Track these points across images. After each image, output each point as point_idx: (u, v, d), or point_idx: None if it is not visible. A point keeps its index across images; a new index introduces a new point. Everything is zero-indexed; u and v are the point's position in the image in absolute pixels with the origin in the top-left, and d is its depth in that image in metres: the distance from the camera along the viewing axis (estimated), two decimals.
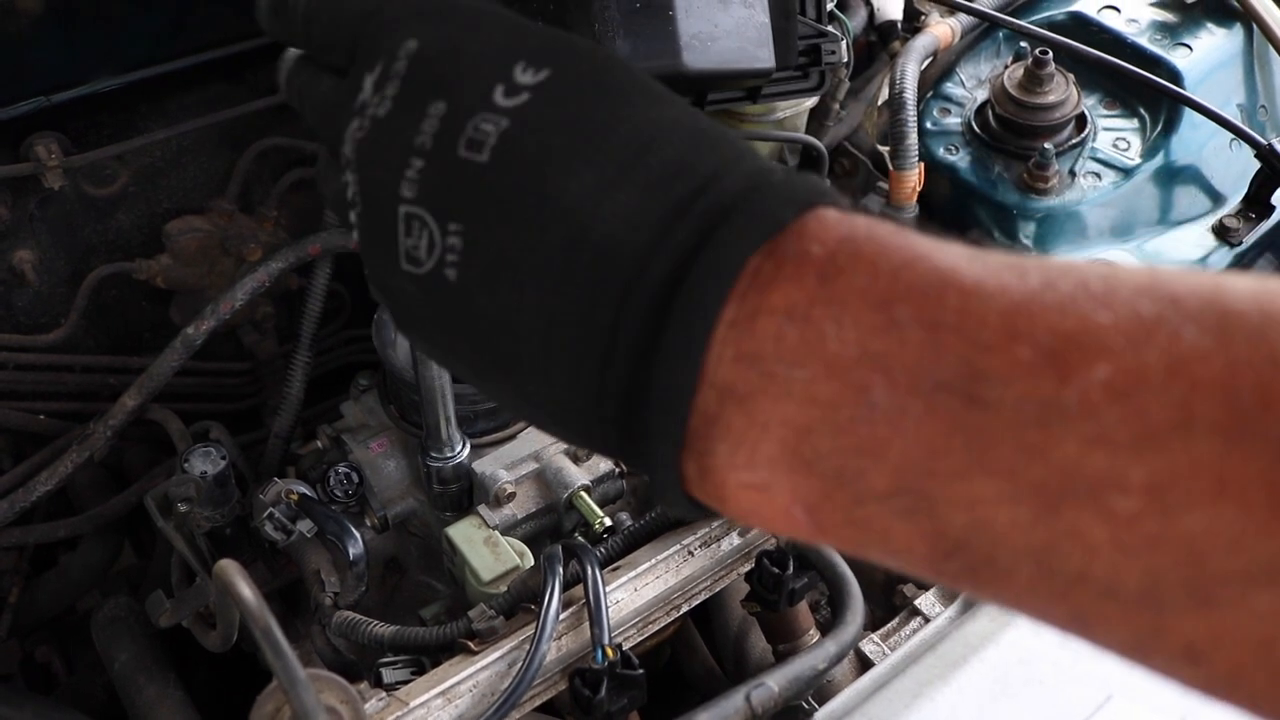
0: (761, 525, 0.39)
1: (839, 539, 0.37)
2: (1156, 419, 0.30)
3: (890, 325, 0.33)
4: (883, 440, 0.33)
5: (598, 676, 0.92)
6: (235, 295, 1.20)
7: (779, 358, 0.35)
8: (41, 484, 1.21)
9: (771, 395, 0.35)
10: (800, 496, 0.36)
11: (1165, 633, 0.31)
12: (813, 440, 0.34)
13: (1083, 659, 0.84)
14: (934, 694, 0.80)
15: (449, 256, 0.42)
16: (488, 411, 1.14)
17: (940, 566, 0.35)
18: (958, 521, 0.33)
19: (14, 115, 1.12)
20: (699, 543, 1.03)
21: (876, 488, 0.34)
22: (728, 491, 0.37)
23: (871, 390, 0.33)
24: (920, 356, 0.33)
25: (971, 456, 0.32)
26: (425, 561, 1.23)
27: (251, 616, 0.75)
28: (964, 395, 0.32)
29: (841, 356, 0.34)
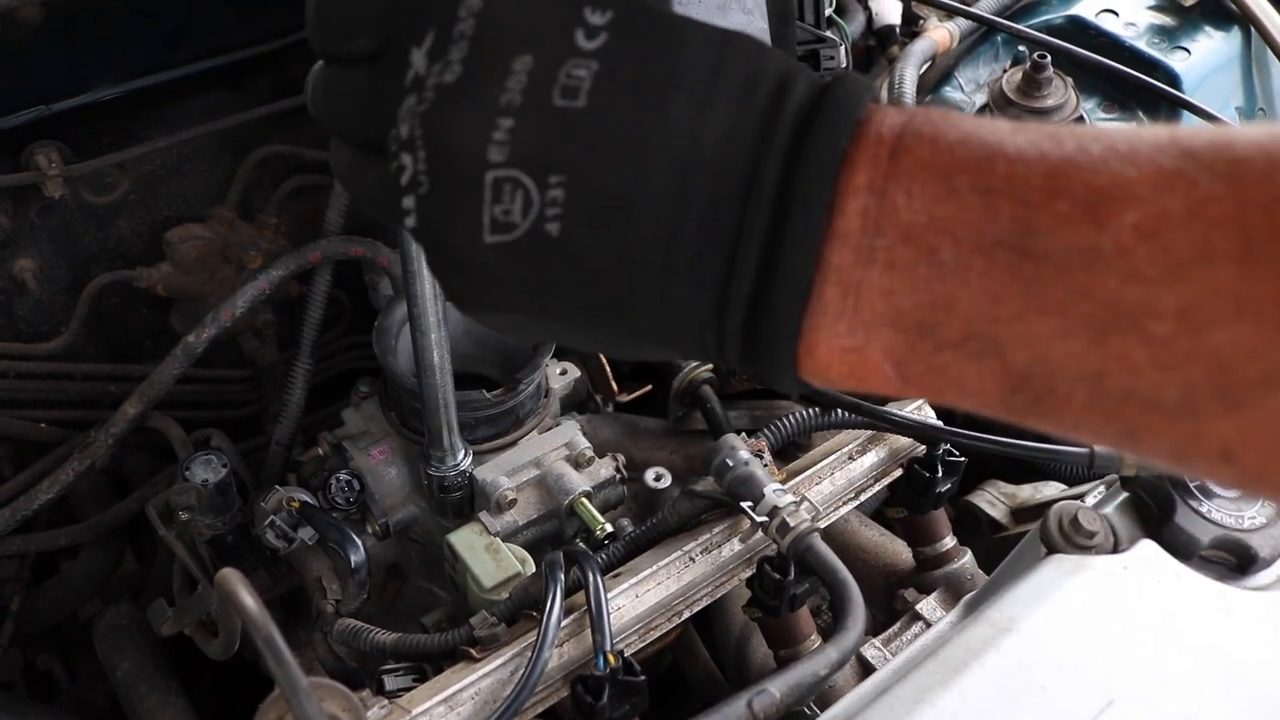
0: (857, 386, 0.43)
1: (922, 387, 0.41)
2: (1181, 253, 0.35)
3: (951, 193, 0.38)
4: (952, 294, 0.38)
5: (599, 683, 0.92)
6: (236, 303, 1.21)
7: (864, 230, 0.39)
8: (43, 492, 1.21)
9: (860, 265, 0.39)
10: (889, 352, 0.40)
11: (1202, 438, 0.36)
12: (895, 300, 0.39)
13: (1084, 664, 0.84)
14: (935, 700, 0.80)
15: (550, 211, 0.41)
16: (489, 419, 1.14)
17: (1009, 401, 0.39)
18: (1021, 358, 0.38)
19: (14, 124, 1.12)
20: (700, 549, 1.03)
21: (951, 336, 0.39)
22: (831, 359, 0.41)
23: (940, 251, 0.38)
24: (978, 218, 0.38)
25: (1028, 301, 0.37)
26: (426, 568, 1.22)
27: (253, 625, 0.75)
28: (1017, 248, 0.37)
29: (913, 224, 0.38)
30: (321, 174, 1.38)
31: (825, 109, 0.40)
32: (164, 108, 1.25)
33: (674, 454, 1.32)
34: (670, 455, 1.32)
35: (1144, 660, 0.83)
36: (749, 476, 1.00)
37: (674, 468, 1.22)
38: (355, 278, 1.47)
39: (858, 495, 1.13)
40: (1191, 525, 0.94)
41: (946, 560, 1.17)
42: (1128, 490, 0.99)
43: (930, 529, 1.17)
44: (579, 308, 0.44)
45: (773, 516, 0.98)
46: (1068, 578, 0.89)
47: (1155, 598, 0.88)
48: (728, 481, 1.01)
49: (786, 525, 0.96)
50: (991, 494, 1.36)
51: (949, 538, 1.18)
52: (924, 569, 1.18)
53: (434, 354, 0.97)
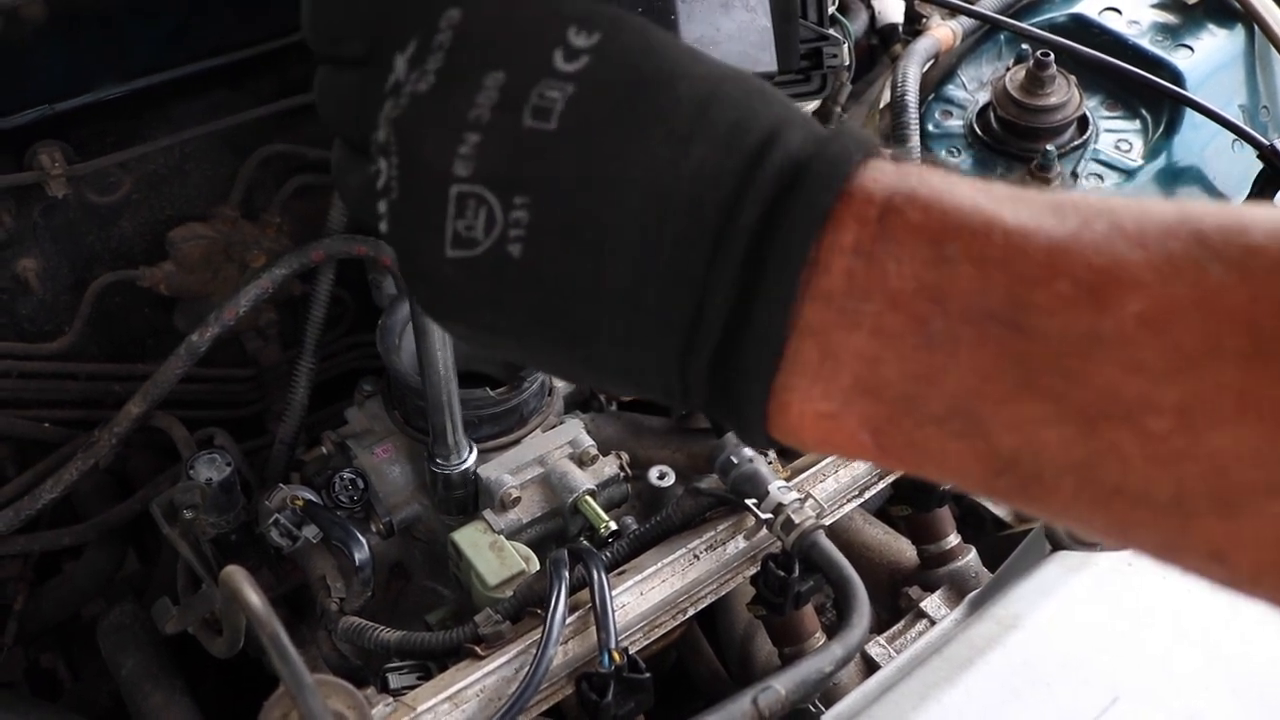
0: (832, 451, 0.42)
1: (900, 460, 0.40)
2: (1186, 347, 0.33)
3: (942, 260, 0.36)
4: (940, 367, 0.36)
5: (604, 681, 0.92)
6: (239, 302, 1.21)
7: (848, 293, 0.37)
8: (47, 491, 1.21)
9: (843, 329, 0.38)
10: (867, 422, 0.39)
11: (1192, 536, 0.35)
12: (879, 369, 0.37)
13: (1089, 661, 0.84)
14: (940, 696, 0.80)
15: (513, 232, 0.40)
16: (493, 416, 1.14)
17: (992, 484, 0.38)
18: (1007, 441, 0.36)
19: (18, 124, 1.12)
20: (704, 546, 1.03)
21: (935, 411, 0.37)
22: (804, 422, 0.40)
23: (929, 321, 0.36)
24: (971, 288, 0.36)
25: (1019, 381, 0.35)
26: (430, 567, 1.22)
27: (259, 622, 0.75)
28: (1010, 324, 0.35)
29: (902, 290, 0.37)
30: (324, 174, 1.38)
31: (815, 163, 0.38)
32: (166, 107, 1.25)
33: (677, 452, 1.32)
34: (674, 453, 1.32)
35: (1149, 657, 0.83)
36: (753, 474, 1.00)
37: (677, 466, 1.22)
38: (358, 277, 1.47)
39: (862, 493, 1.13)
40: None
41: (951, 558, 1.17)
42: None
43: (934, 526, 1.17)
44: (536, 334, 0.43)
45: (777, 514, 0.98)
46: (1073, 575, 0.89)
47: (1160, 595, 0.88)
48: (732, 479, 1.01)
49: (791, 522, 0.96)
50: None
51: (953, 535, 1.18)
52: (928, 566, 1.18)
53: (437, 352, 0.97)
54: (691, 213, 0.39)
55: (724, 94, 0.40)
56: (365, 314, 1.54)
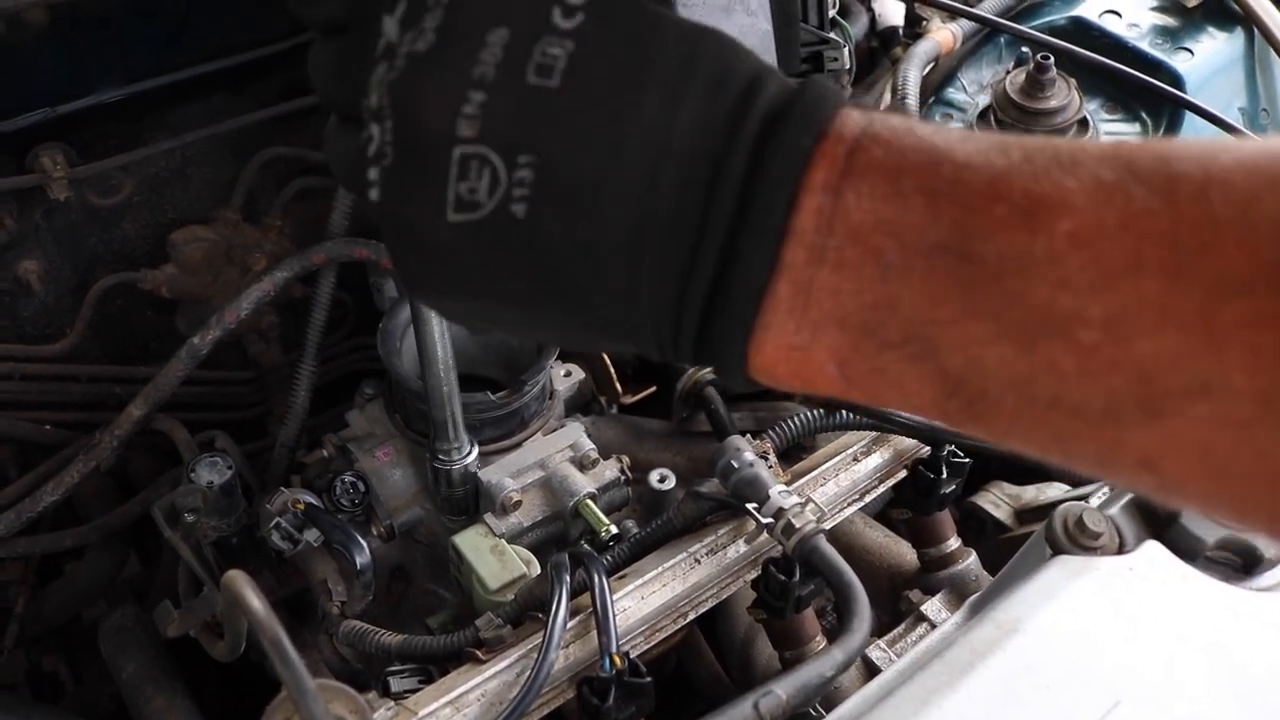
0: (801, 385, 0.43)
1: (863, 388, 0.42)
2: (1111, 263, 0.36)
3: (897, 195, 0.39)
4: (895, 295, 0.39)
5: (605, 685, 0.92)
6: (241, 305, 1.21)
7: (817, 229, 0.39)
8: (48, 494, 1.21)
9: (812, 264, 0.40)
10: (833, 352, 0.41)
11: (1123, 446, 0.37)
12: (842, 300, 0.40)
13: (1090, 666, 0.84)
14: (941, 701, 0.79)
15: (516, 192, 0.41)
16: (494, 420, 1.14)
17: (945, 406, 0.40)
18: (956, 362, 0.38)
19: (19, 127, 1.12)
20: (705, 550, 1.03)
21: (892, 337, 0.39)
22: (778, 357, 0.42)
23: (885, 252, 0.39)
24: (921, 220, 0.38)
25: (965, 304, 0.38)
26: (432, 570, 1.22)
27: (260, 626, 0.75)
28: (957, 252, 0.38)
29: (861, 224, 0.39)
30: (325, 177, 1.38)
31: (793, 109, 0.40)
32: (168, 111, 1.25)
33: (678, 455, 1.32)
34: (674, 457, 1.32)
35: (1151, 662, 0.83)
36: (754, 478, 1.00)
37: (678, 469, 1.22)
38: (359, 280, 1.46)
39: (862, 496, 1.13)
40: (1197, 526, 0.94)
41: (951, 561, 1.17)
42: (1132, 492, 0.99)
43: (935, 530, 1.17)
44: (540, 295, 0.43)
45: (778, 518, 0.98)
46: (1073, 579, 0.89)
47: (1161, 599, 0.88)
48: (733, 483, 1.01)
49: (792, 527, 0.96)
50: (995, 495, 1.36)
51: (953, 539, 1.18)
52: (929, 570, 1.18)
53: (436, 344, 0.96)
54: (687, 165, 0.40)
55: (705, 48, 0.42)
56: (366, 317, 1.54)
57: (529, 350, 1.22)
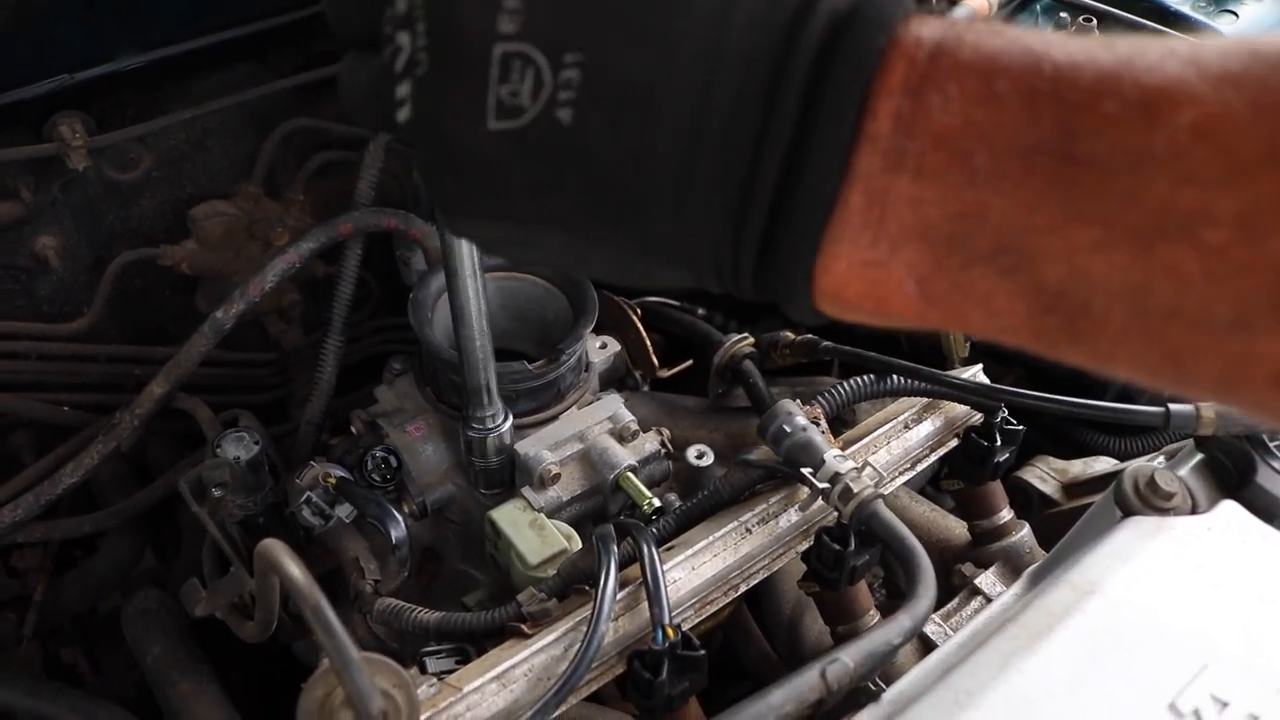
0: (875, 307, 0.39)
1: (945, 308, 0.38)
2: (1244, 154, 0.32)
3: (990, 96, 0.35)
4: (985, 203, 0.35)
5: (658, 658, 0.88)
6: (265, 277, 1.17)
7: (895, 134, 0.36)
8: (67, 476, 1.17)
9: (889, 172, 0.36)
10: (913, 268, 0.37)
11: (1255, 358, 0.33)
12: (924, 210, 0.36)
13: (1172, 628, 0.80)
14: (1021, 665, 0.75)
15: (562, 94, 0.38)
16: (530, 391, 1.11)
17: (1039, 323, 0.36)
18: (1055, 273, 0.35)
19: (36, 94, 1.08)
20: (757, 519, 0.99)
21: (981, 249, 0.36)
22: (850, 275, 0.38)
23: (974, 156, 0.35)
24: (1018, 121, 0.35)
25: (1067, 210, 0.34)
26: (464, 550, 1.18)
27: (301, 595, 0.71)
28: (1058, 153, 0.34)
29: (947, 127, 0.36)
30: (348, 150, 1.34)
31: (863, 8, 0.37)
32: (188, 80, 1.21)
33: (714, 432, 1.28)
34: (711, 434, 1.28)
35: (1236, 624, 0.79)
36: (807, 442, 0.96)
37: (715, 446, 1.18)
38: (382, 259, 1.43)
39: (914, 466, 1.09)
40: (1274, 485, 0.90)
41: (1004, 533, 1.13)
42: (1202, 452, 0.95)
43: (987, 501, 1.13)
44: (586, 213, 0.41)
45: (834, 483, 0.93)
46: (1148, 539, 0.85)
47: (1242, 559, 0.84)
48: (785, 448, 0.96)
49: (850, 491, 0.92)
50: (1042, 469, 1.32)
51: (1006, 510, 1.14)
52: (980, 543, 1.14)
53: (471, 305, 0.92)
54: (745, 66, 0.37)
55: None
56: (390, 298, 1.50)
57: (563, 323, 1.18)
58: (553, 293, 1.20)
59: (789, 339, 1.28)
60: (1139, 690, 0.74)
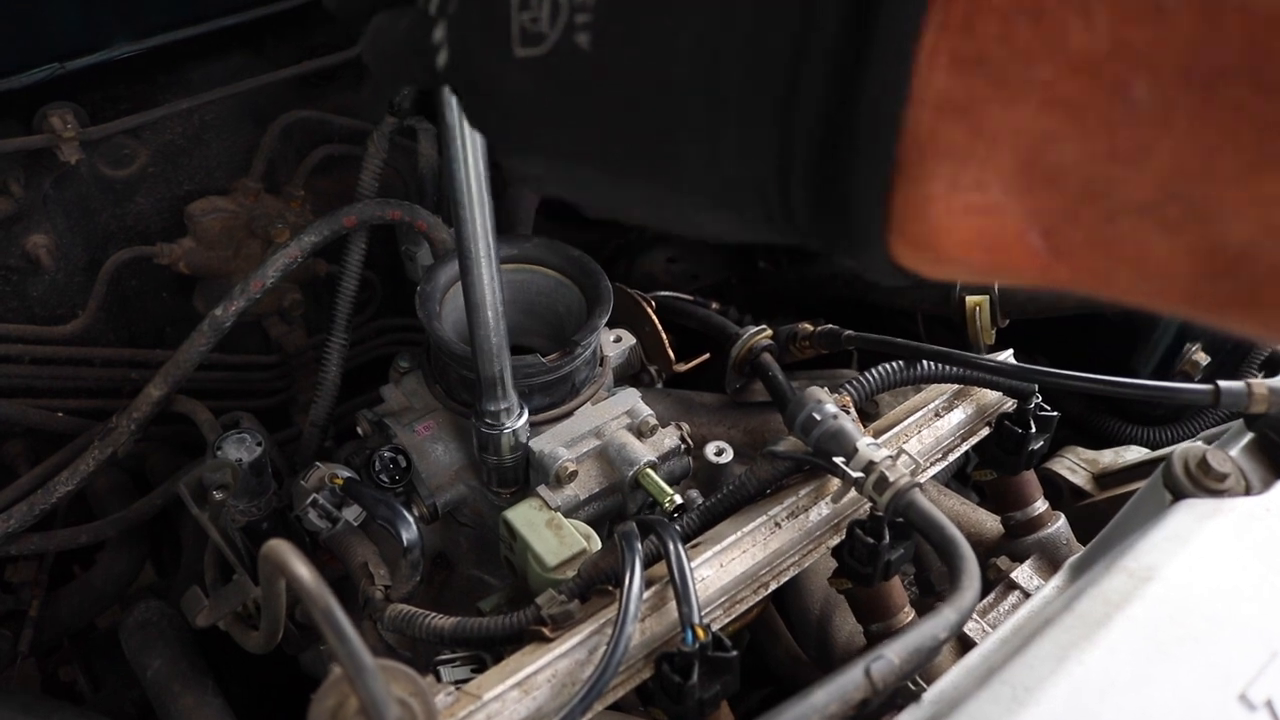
0: (983, 261, 0.33)
1: (1080, 267, 0.32)
2: None
3: (1154, 11, 0.28)
4: (1145, 143, 0.29)
5: (688, 660, 0.83)
6: (267, 272, 1.12)
7: (1009, 58, 0.29)
8: (62, 484, 1.12)
9: (1002, 101, 0.30)
10: (1039, 217, 0.31)
11: None
12: (1056, 149, 0.30)
13: (1238, 613, 0.75)
14: (1081, 656, 0.71)
15: (579, 18, 0.36)
16: (544, 386, 1.06)
17: (1204, 288, 0.30)
18: (1241, 231, 0.29)
19: (26, 84, 1.04)
20: (786, 514, 0.94)
21: (1135, 198, 0.29)
22: (950, 220, 0.32)
23: (1130, 86, 0.29)
24: (1194, 42, 0.28)
25: (1261, 152, 0.28)
26: (477, 554, 1.14)
27: (311, 598, 0.66)
28: (1252, 82, 0.27)
29: (1091, 50, 0.29)
30: (349, 144, 1.30)
31: None
32: (183, 70, 1.17)
33: (733, 429, 1.24)
34: (729, 430, 1.23)
35: None
36: (839, 431, 0.91)
37: (734, 442, 1.14)
38: (385, 258, 1.39)
39: (945, 455, 1.04)
40: None
41: (1039, 525, 1.09)
42: (1253, 431, 0.90)
43: (1022, 492, 1.08)
44: (617, 146, 0.38)
45: (868, 472, 0.89)
46: (1205, 522, 0.81)
47: None
48: (815, 437, 0.92)
49: (885, 480, 0.88)
50: (1072, 460, 1.28)
51: (1040, 501, 1.09)
52: (1015, 535, 1.10)
53: (485, 291, 0.87)
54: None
55: None
56: (392, 298, 1.46)
57: (575, 316, 1.14)
58: (565, 285, 1.15)
59: (808, 330, 1.24)
60: (1207, 681, 0.70)
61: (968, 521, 1.16)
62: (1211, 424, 1.43)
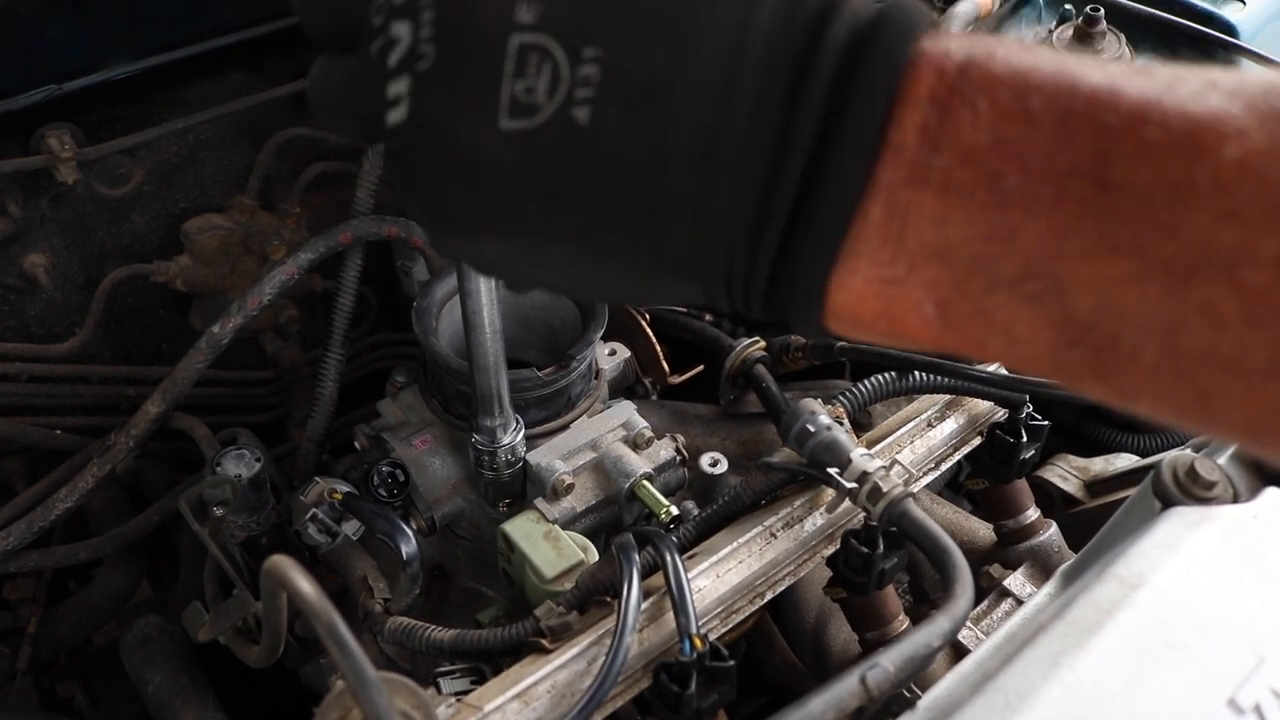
0: (888, 328, 0.38)
1: (964, 333, 0.36)
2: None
3: (1023, 114, 0.33)
4: (1014, 225, 0.34)
5: (686, 670, 0.84)
6: (263, 289, 1.13)
7: (920, 147, 0.34)
8: (61, 501, 1.13)
9: (912, 186, 0.35)
10: (932, 289, 0.36)
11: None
12: (947, 229, 0.35)
13: (1227, 620, 0.77)
14: (1073, 662, 0.72)
15: (580, 92, 0.36)
16: (540, 399, 1.07)
17: (1063, 356, 0.35)
18: (1085, 304, 0.33)
19: (24, 105, 1.05)
20: (781, 524, 0.96)
21: (1006, 273, 0.34)
22: (866, 292, 0.37)
23: (1004, 176, 0.33)
24: (1052, 142, 0.33)
25: (1101, 237, 0.32)
26: (474, 567, 1.15)
27: (314, 612, 0.67)
28: (1094, 179, 0.32)
29: (976, 144, 0.34)
30: (345, 160, 1.31)
31: (889, 14, 0.36)
32: (179, 89, 1.18)
33: (727, 440, 1.25)
34: (723, 441, 1.24)
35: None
36: (832, 442, 0.92)
37: (728, 453, 1.15)
38: (380, 274, 1.40)
39: (938, 465, 1.06)
40: None
41: (1031, 533, 1.10)
42: None
43: (1013, 500, 1.10)
44: (599, 222, 0.38)
45: (862, 483, 0.90)
46: (1194, 530, 0.82)
47: None
48: (810, 448, 0.93)
49: (879, 491, 0.89)
50: (1063, 468, 1.29)
51: (1032, 509, 1.11)
52: (1007, 543, 1.11)
53: (483, 306, 0.88)
54: (767, 67, 0.36)
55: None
56: (387, 312, 1.47)
57: (570, 329, 1.15)
58: (559, 299, 1.16)
59: (801, 342, 1.25)
60: (1197, 686, 0.71)
61: (960, 530, 1.17)
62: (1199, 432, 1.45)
